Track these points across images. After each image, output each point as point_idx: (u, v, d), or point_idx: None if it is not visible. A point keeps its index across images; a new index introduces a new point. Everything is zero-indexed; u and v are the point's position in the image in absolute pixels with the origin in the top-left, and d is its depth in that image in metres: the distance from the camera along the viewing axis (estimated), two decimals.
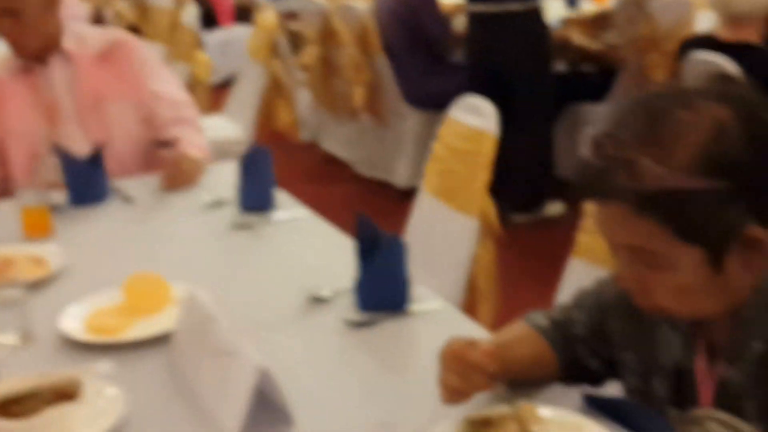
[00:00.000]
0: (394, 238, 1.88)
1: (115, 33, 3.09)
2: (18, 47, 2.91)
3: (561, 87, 4.98)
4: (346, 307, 1.91)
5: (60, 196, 2.71)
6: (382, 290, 1.88)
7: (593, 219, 1.30)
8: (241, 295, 2.04)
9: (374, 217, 1.89)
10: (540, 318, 1.60)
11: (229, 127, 5.00)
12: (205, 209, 2.61)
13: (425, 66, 5.22)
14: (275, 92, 5.21)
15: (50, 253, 2.27)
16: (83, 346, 1.82)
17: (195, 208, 2.62)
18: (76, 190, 2.72)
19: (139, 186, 2.83)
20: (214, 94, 6.13)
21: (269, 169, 2.56)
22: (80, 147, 2.84)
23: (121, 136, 2.97)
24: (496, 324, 1.72)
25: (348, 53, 5.42)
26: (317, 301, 1.95)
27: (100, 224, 2.60)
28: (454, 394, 1.42)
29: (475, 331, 1.80)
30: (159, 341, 1.80)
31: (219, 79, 8.39)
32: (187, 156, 2.83)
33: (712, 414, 1.15)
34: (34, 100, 2.94)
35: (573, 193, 1.35)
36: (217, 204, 2.62)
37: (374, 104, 5.51)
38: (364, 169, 5.83)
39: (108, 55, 2.98)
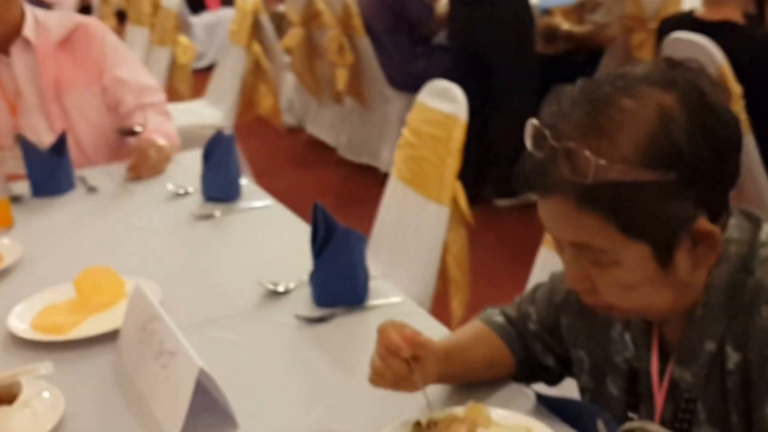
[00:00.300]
0: (350, 231, 1.81)
1: (76, 18, 3.01)
2: None
3: (546, 70, 4.90)
4: (303, 301, 1.85)
5: (23, 188, 2.65)
6: (338, 284, 1.81)
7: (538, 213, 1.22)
8: (195, 289, 1.98)
9: (359, 202, 1.83)
10: (496, 315, 1.55)
11: (210, 112, 4.93)
12: (169, 199, 2.55)
13: (408, 48, 5.15)
14: (257, 76, 5.13)
15: (5, 246, 2.22)
16: (30, 344, 1.77)
17: (159, 198, 2.57)
18: (39, 180, 2.66)
19: (104, 175, 2.77)
20: (201, 78, 6.05)
21: (234, 158, 2.49)
22: (44, 137, 2.79)
23: (86, 124, 2.92)
24: (474, 309, 1.66)
25: (331, 35, 5.35)
26: (273, 295, 1.89)
27: (61, 215, 2.53)
28: (375, 375, 1.38)
29: (433, 326, 1.73)
30: (106, 338, 1.74)
31: (206, 62, 8.32)
32: (154, 143, 2.77)
33: (644, 426, 1.09)
34: None
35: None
36: (182, 193, 2.56)
37: (357, 87, 5.44)
38: (349, 154, 5.75)
39: (69, 42, 2.91)
